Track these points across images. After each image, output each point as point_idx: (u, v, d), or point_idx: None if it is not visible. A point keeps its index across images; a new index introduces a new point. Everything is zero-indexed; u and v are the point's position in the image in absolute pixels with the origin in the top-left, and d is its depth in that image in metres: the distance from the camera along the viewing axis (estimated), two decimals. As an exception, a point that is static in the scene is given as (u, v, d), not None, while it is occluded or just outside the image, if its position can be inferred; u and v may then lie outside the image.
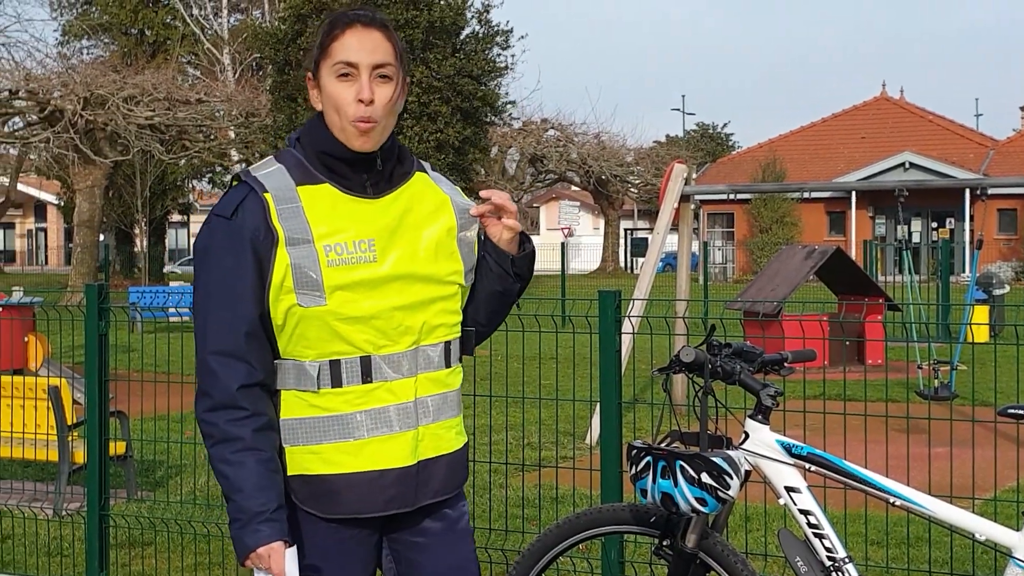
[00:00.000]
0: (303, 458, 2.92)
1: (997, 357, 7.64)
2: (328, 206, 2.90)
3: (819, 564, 3.49)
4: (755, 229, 48.85)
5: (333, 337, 2.88)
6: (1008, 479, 7.98)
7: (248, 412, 2.85)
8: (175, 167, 45.47)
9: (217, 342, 2.87)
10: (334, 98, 2.89)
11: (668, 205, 12.49)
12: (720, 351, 3.64)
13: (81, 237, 34.27)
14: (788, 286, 16.74)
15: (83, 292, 5.96)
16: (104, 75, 33.81)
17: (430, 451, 2.99)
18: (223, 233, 2.88)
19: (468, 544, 3.15)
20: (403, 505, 2.97)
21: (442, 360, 3.01)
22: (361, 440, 2.91)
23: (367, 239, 2.90)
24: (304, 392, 2.91)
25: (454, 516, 3.10)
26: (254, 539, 2.81)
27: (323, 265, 2.85)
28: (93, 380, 5.85)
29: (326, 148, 2.93)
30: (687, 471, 3.41)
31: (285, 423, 2.93)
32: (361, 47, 2.89)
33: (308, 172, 2.93)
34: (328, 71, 2.91)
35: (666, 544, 3.63)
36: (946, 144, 49.59)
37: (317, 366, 2.89)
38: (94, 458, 5.89)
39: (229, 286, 2.86)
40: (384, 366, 2.91)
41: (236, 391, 2.85)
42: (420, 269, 2.96)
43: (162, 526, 6.75)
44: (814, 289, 24.50)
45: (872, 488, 3.48)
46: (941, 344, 16.16)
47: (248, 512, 2.82)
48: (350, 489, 2.92)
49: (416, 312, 2.94)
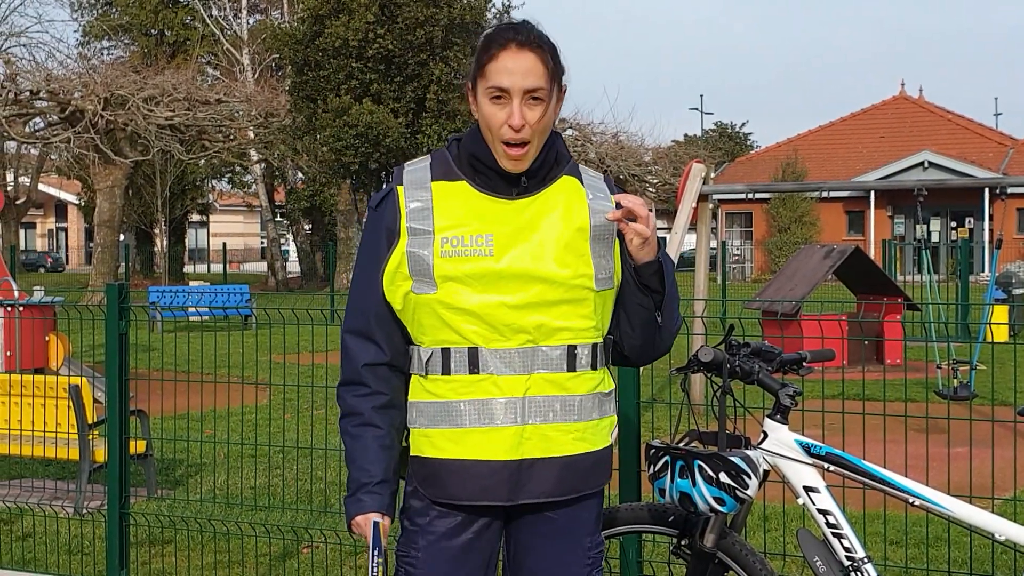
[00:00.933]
0: (419, 440, 3.06)
1: (1017, 357, 7.61)
2: (457, 201, 3.00)
3: (838, 564, 3.48)
4: (773, 228, 48.76)
5: (443, 326, 2.97)
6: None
7: (370, 390, 3.04)
8: (195, 167, 45.65)
9: (352, 322, 3.09)
10: (487, 118, 2.97)
11: (686, 204, 12.47)
12: (739, 351, 3.63)
13: (101, 237, 34.37)
14: (807, 286, 16.71)
15: (103, 292, 5.98)
16: (124, 75, 33.91)
17: (537, 451, 2.99)
18: (370, 223, 3.09)
19: (579, 555, 3.11)
20: (498, 498, 3.00)
21: (563, 363, 2.99)
22: (464, 428, 2.98)
23: (485, 234, 2.96)
24: (419, 376, 3.05)
25: (567, 521, 3.09)
26: (356, 508, 3.02)
27: (436, 255, 2.95)
28: (113, 379, 5.87)
29: (478, 154, 3.02)
30: (705, 471, 3.41)
31: (410, 405, 3.08)
32: (514, 71, 2.93)
33: (450, 170, 3.05)
34: (483, 91, 2.97)
35: (684, 543, 3.63)
36: (965, 143, 49.40)
37: (430, 352, 3.01)
38: (114, 456, 5.91)
39: (367, 272, 3.06)
40: (493, 360, 2.96)
41: (362, 368, 3.05)
42: (542, 269, 2.96)
43: (182, 524, 6.77)
44: (833, 289, 24.45)
45: (891, 488, 3.47)
46: (960, 344, 16.11)
47: (356, 483, 3.03)
48: (449, 475, 3.00)
49: (532, 311, 2.96)
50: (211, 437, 9.50)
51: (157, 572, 6.35)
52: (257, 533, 6.74)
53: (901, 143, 49.70)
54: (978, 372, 14.05)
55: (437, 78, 31.53)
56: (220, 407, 10.73)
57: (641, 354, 3.18)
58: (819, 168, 48.92)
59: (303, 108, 32.92)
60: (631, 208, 2.94)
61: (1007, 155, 47.93)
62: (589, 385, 3.04)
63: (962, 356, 14.49)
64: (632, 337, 3.13)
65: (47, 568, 6.44)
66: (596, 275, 3.01)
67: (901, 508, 4.18)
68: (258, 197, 49.20)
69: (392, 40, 32.13)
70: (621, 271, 3.07)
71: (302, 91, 33.05)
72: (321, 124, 32.09)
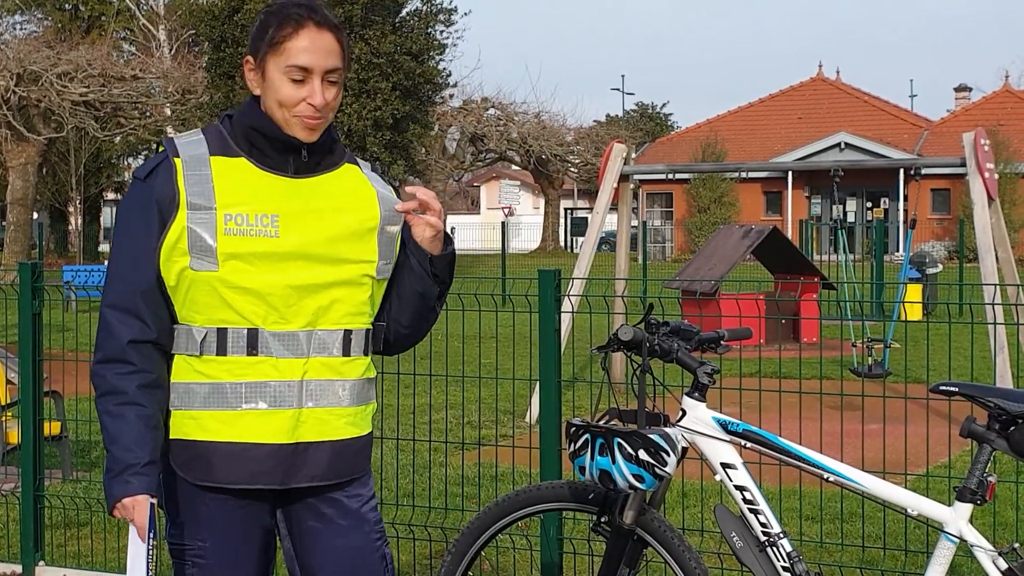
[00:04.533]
0: (183, 423, 2.96)
1: (930, 335, 7.75)
2: (238, 178, 2.93)
3: (754, 539, 3.52)
4: (693, 209, 49.14)
5: (222, 304, 2.90)
6: (940, 455, 8.10)
7: (135, 368, 2.90)
8: (110, 144, 44.96)
9: (114, 297, 2.94)
10: (282, 96, 2.91)
11: (608, 185, 12.52)
12: (658, 330, 3.66)
13: (14, 215, 33.81)
14: (725, 265, 16.87)
15: (17, 271, 5.88)
16: (37, 51, 33.31)
17: (312, 435, 2.98)
18: (136, 195, 2.95)
19: (363, 533, 3.10)
20: (272, 482, 2.97)
21: (339, 348, 2.99)
22: (238, 411, 2.92)
23: (270, 214, 2.92)
24: (190, 357, 2.94)
25: (349, 505, 3.07)
26: (122, 489, 2.87)
27: (220, 232, 2.88)
28: (27, 360, 5.79)
29: (258, 126, 2.95)
30: (625, 448, 3.43)
31: (173, 387, 2.97)
32: (315, 51, 2.91)
33: (227, 145, 2.97)
34: (277, 68, 2.91)
35: (604, 521, 3.65)
36: (881, 125, 50.14)
37: (204, 332, 2.92)
38: (28, 438, 5.83)
39: (133, 245, 2.93)
40: (272, 342, 2.92)
41: (126, 345, 2.90)
42: (325, 252, 2.96)
43: (98, 507, 6.68)
44: (751, 268, 24.69)
45: (806, 464, 3.51)
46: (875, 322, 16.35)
47: (121, 463, 2.87)
48: (220, 458, 2.93)
49: (314, 294, 2.94)
50: (128, 418, 9.39)
51: (73, 554, 6.27)
52: (175, 514, 6.66)
53: (818, 124, 50.30)
54: (892, 350, 14.29)
55: (357, 57, 31.30)
56: (137, 388, 10.59)
57: (405, 341, 3.22)
58: (738, 149, 49.33)
59: (221, 85, 32.54)
60: (425, 200, 2.98)
61: (922, 137, 48.73)
62: (360, 370, 3.05)
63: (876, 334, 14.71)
64: (401, 325, 3.16)
65: (-41, 552, 6.34)
66: (379, 263, 3.03)
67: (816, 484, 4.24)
68: (175, 175, 48.53)
69: (311, 17, 31.79)
70: (399, 260, 3.10)
71: (220, 68, 32.65)
72: (239, 101, 31.71)
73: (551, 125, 58.76)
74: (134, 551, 2.92)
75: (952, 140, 45.97)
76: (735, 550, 3.52)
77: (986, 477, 3.34)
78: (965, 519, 3.33)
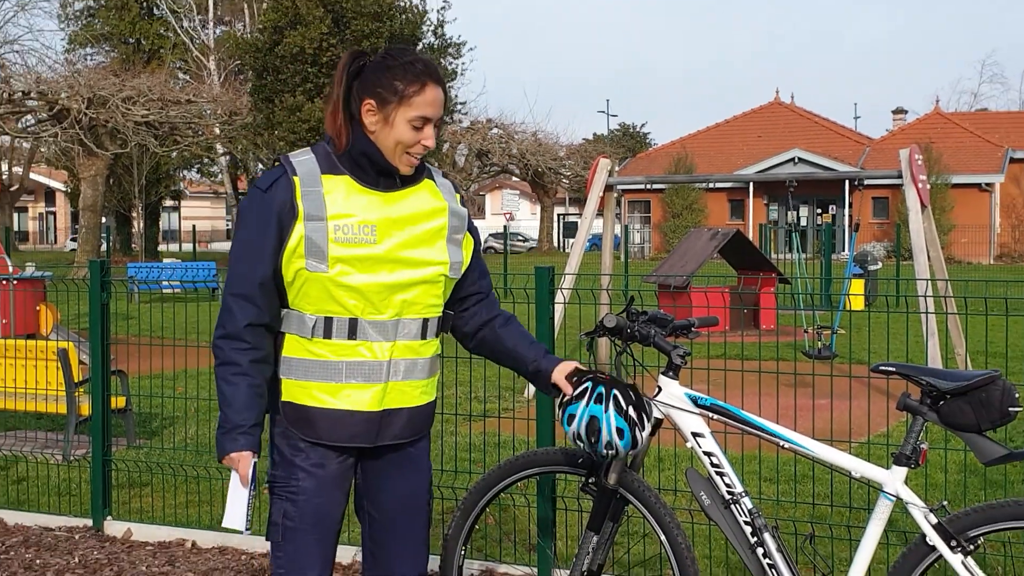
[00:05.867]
0: (294, 390, 3.10)
1: (871, 323, 7.74)
2: (343, 193, 3.06)
3: (720, 498, 3.52)
4: (668, 214, 49.10)
5: (329, 299, 3.04)
6: (879, 426, 8.11)
7: (249, 345, 3.05)
8: (167, 159, 44.90)
9: (236, 286, 3.06)
10: (404, 139, 3.05)
11: (594, 194, 12.51)
12: (637, 318, 3.65)
13: (86, 220, 33.74)
14: (695, 263, 16.86)
15: (88, 267, 5.88)
16: (105, 78, 33.24)
17: (395, 403, 3.14)
18: (257, 202, 3.06)
19: (421, 478, 3.31)
20: (365, 442, 3.14)
21: (419, 332, 3.14)
22: (339, 384, 3.08)
23: (369, 224, 3.05)
24: (301, 338, 3.08)
25: (414, 454, 3.27)
26: (232, 445, 3.04)
27: (330, 240, 3.01)
28: (96, 343, 5.79)
29: (368, 153, 3.07)
30: (619, 400, 3.39)
31: (285, 359, 3.11)
32: (435, 105, 3.08)
33: (333, 164, 3.08)
34: (404, 117, 3.04)
35: (591, 481, 3.65)
36: (829, 142, 50.07)
37: (314, 319, 3.06)
38: (98, 411, 5.83)
39: (252, 245, 3.05)
40: (368, 328, 3.07)
41: (243, 327, 3.05)
42: (409, 255, 3.09)
43: (157, 469, 6.69)
44: (717, 265, 24.69)
45: (765, 433, 3.51)
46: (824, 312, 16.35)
47: (232, 423, 3.04)
48: (324, 421, 3.09)
49: (401, 290, 3.08)
50: (182, 394, 9.37)
51: (136, 510, 6.28)
52: (223, 477, 6.68)
53: (775, 142, 50.24)
54: (838, 336, 14.30)
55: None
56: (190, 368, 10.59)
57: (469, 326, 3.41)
58: (706, 163, 49.29)
59: (262, 108, 32.51)
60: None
61: (864, 152, 48.66)
62: (432, 350, 3.22)
63: (825, 322, 14.71)
64: (464, 314, 3.37)
65: (39, 508, 6.35)
66: (450, 263, 3.18)
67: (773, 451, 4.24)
68: (223, 185, 48.61)
69: (342, 49, 31.76)
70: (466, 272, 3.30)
71: (262, 93, 32.62)
72: (278, 121, 31.74)
73: (546, 142, 58.70)
74: (234, 496, 3.08)
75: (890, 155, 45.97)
76: (703, 507, 3.52)
77: (919, 445, 3.34)
78: (901, 480, 3.33)
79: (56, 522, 5.95)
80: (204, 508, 6.30)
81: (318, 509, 3.13)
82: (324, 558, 3.19)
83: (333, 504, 3.17)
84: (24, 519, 6.04)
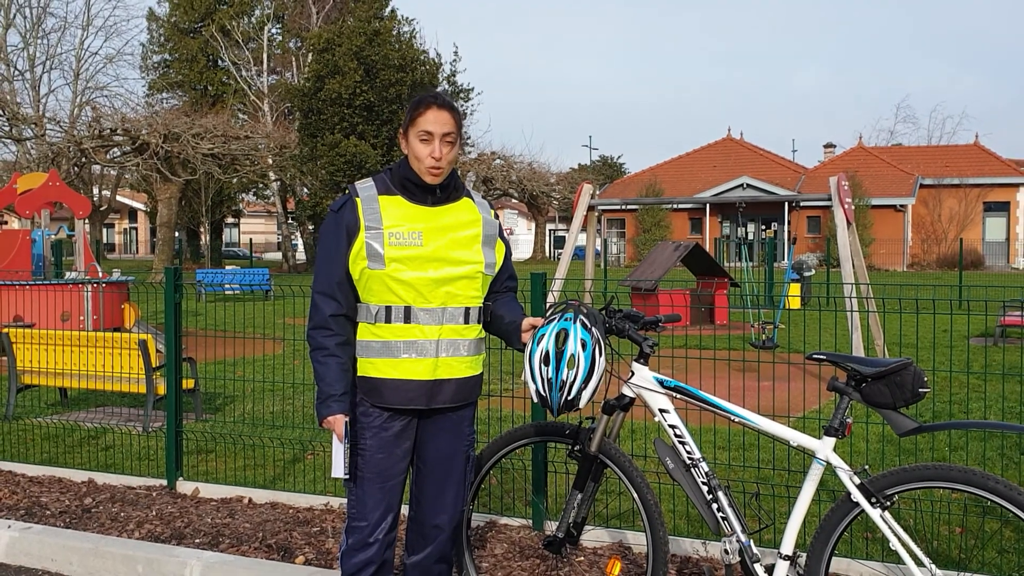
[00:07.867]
0: (365, 366, 3.23)
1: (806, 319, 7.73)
2: (396, 208, 3.20)
3: (682, 463, 3.52)
4: (640, 230, 49.08)
5: (387, 291, 3.16)
6: (812, 404, 8.09)
7: (333, 332, 3.18)
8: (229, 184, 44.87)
9: (320, 286, 3.21)
10: (417, 153, 3.19)
11: (579, 213, 12.51)
12: (615, 314, 3.65)
13: (161, 234, 33.74)
14: (662, 270, 16.86)
15: (163, 273, 5.87)
16: (178, 118, 33.25)
17: (445, 374, 3.24)
18: (331, 220, 3.23)
19: (461, 443, 3.37)
20: (420, 404, 3.23)
21: (462, 319, 3.23)
22: (399, 359, 3.19)
23: (417, 231, 3.18)
24: (368, 324, 3.21)
25: (457, 421, 3.34)
26: (327, 411, 3.16)
27: (386, 244, 3.14)
28: (170, 335, 5.78)
29: (409, 176, 3.23)
30: (585, 320, 3.31)
31: (358, 343, 3.24)
32: (436, 122, 3.18)
33: (388, 187, 3.25)
34: (414, 134, 3.19)
35: (576, 449, 3.65)
36: (771, 171, 50.03)
37: (377, 308, 3.19)
38: (171, 390, 5.83)
39: (331, 252, 3.20)
40: (420, 315, 3.17)
41: (328, 317, 3.18)
42: (451, 256, 3.20)
43: (220, 439, 6.69)
44: (680, 272, 24.68)
45: (719, 410, 3.51)
46: (767, 310, 16.34)
47: (325, 394, 3.16)
48: (388, 388, 3.21)
49: (445, 284, 3.19)
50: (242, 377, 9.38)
51: (203, 472, 6.27)
52: (275, 444, 6.69)
53: (727, 171, 50.21)
54: (779, 330, 14.30)
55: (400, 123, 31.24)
56: (248, 355, 10.61)
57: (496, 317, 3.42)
58: (671, 187, 49.28)
59: (307, 142, 32.54)
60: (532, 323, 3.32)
61: (800, 179, 48.64)
62: (474, 333, 3.30)
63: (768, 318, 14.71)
64: (493, 306, 3.40)
65: (123, 470, 6.34)
66: (485, 262, 3.27)
67: (725, 424, 4.25)
68: (275, 206, 48.49)
69: (373, 94, 31.87)
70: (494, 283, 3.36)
71: (307, 130, 32.65)
72: (320, 154, 31.77)
73: (540, 171, 58.68)
74: (335, 451, 3.18)
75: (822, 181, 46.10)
76: (668, 470, 3.52)
77: (845, 419, 3.34)
78: (831, 448, 3.33)
79: (137, 482, 5.94)
80: (259, 471, 6.29)
81: (380, 463, 3.23)
82: (387, 504, 3.26)
83: (394, 460, 3.24)
84: (111, 479, 6.03)
